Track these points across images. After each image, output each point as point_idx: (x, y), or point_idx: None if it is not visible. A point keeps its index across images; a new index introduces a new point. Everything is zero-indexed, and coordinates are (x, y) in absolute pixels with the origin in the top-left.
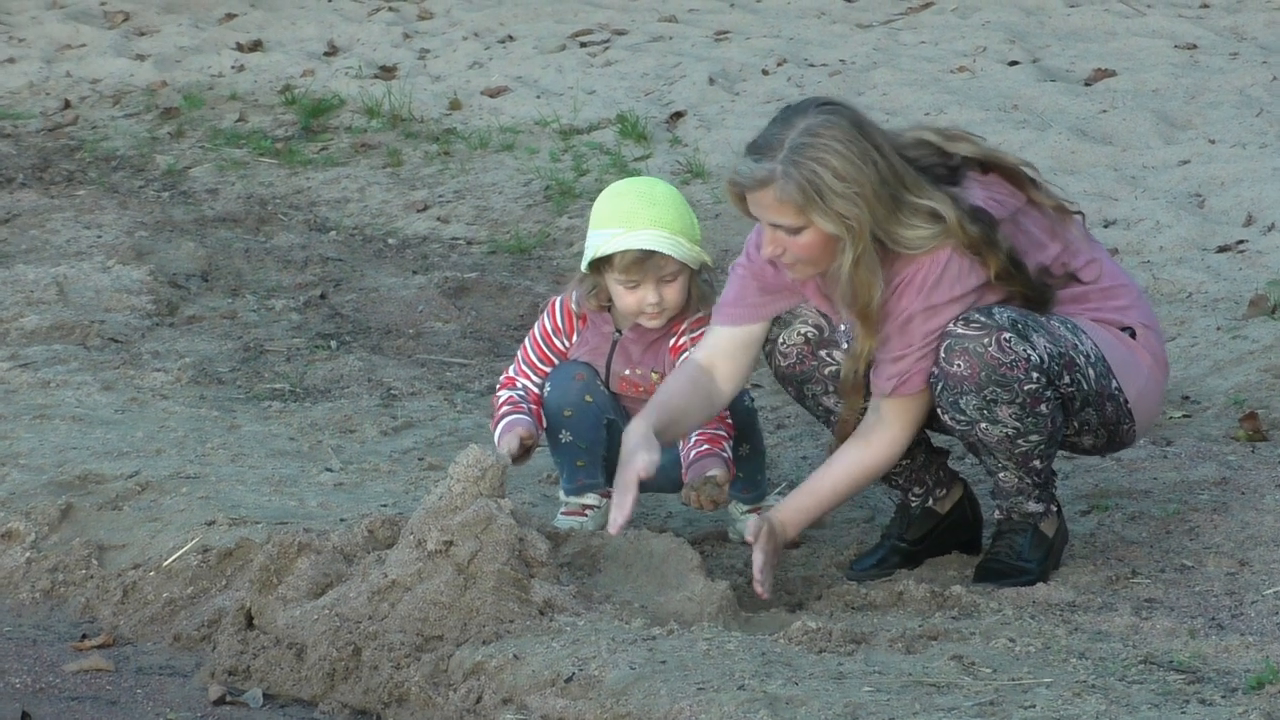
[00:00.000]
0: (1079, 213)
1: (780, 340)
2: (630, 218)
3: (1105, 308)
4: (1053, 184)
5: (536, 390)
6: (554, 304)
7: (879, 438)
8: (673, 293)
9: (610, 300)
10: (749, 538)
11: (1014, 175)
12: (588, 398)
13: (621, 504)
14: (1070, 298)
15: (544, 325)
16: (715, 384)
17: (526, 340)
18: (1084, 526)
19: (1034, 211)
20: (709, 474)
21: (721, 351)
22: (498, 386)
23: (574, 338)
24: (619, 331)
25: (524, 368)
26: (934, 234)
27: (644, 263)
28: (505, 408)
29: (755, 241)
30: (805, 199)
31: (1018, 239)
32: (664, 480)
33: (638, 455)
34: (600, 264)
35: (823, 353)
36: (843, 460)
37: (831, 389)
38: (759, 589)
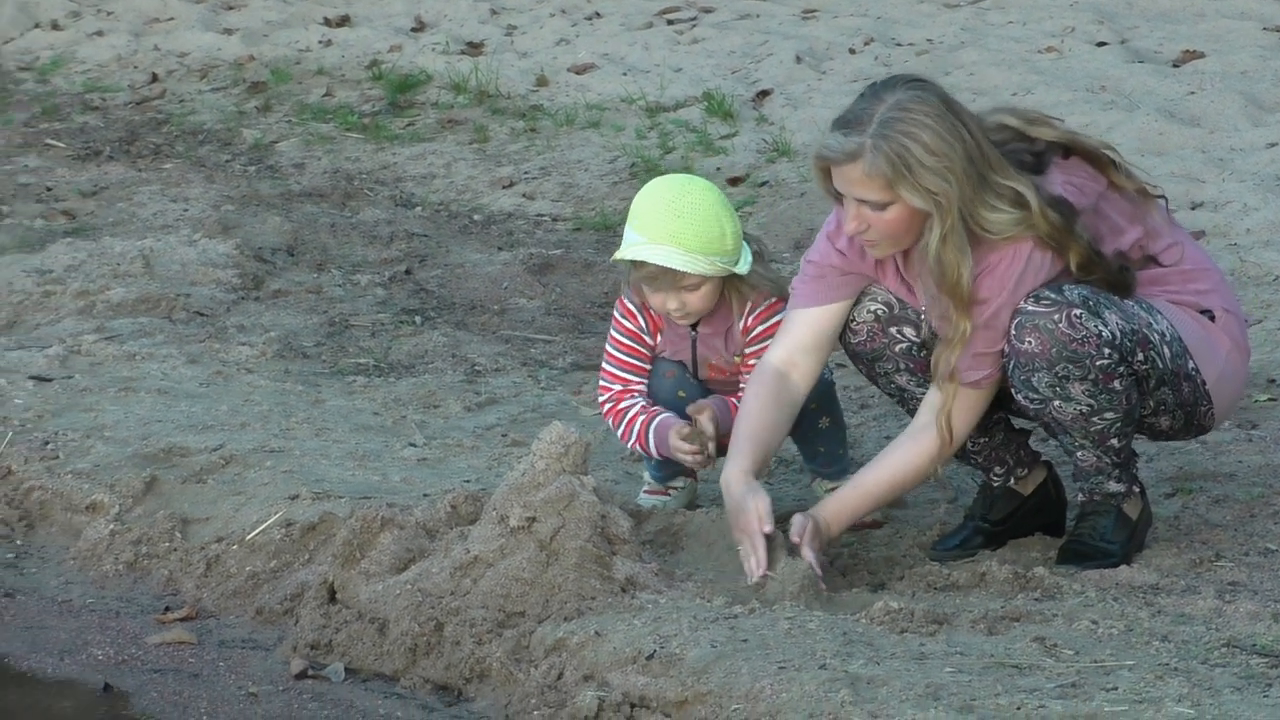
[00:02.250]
0: (1161, 196)
1: (851, 317)
2: (649, 227)
3: (1185, 291)
4: (1136, 166)
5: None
6: (624, 305)
7: (931, 436)
8: (696, 299)
9: None
10: (795, 537)
11: (1095, 158)
12: (681, 393)
13: (759, 554)
14: (1149, 279)
15: (626, 328)
16: (792, 387)
17: (612, 350)
18: (1168, 509)
19: (1115, 195)
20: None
21: (800, 346)
22: (603, 404)
23: (658, 337)
24: (694, 329)
25: (625, 375)
26: (1016, 219)
27: (658, 276)
28: (640, 416)
29: (833, 224)
30: (895, 172)
31: (1098, 227)
32: None
33: (750, 503)
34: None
35: (893, 330)
36: (892, 458)
37: (903, 366)
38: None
